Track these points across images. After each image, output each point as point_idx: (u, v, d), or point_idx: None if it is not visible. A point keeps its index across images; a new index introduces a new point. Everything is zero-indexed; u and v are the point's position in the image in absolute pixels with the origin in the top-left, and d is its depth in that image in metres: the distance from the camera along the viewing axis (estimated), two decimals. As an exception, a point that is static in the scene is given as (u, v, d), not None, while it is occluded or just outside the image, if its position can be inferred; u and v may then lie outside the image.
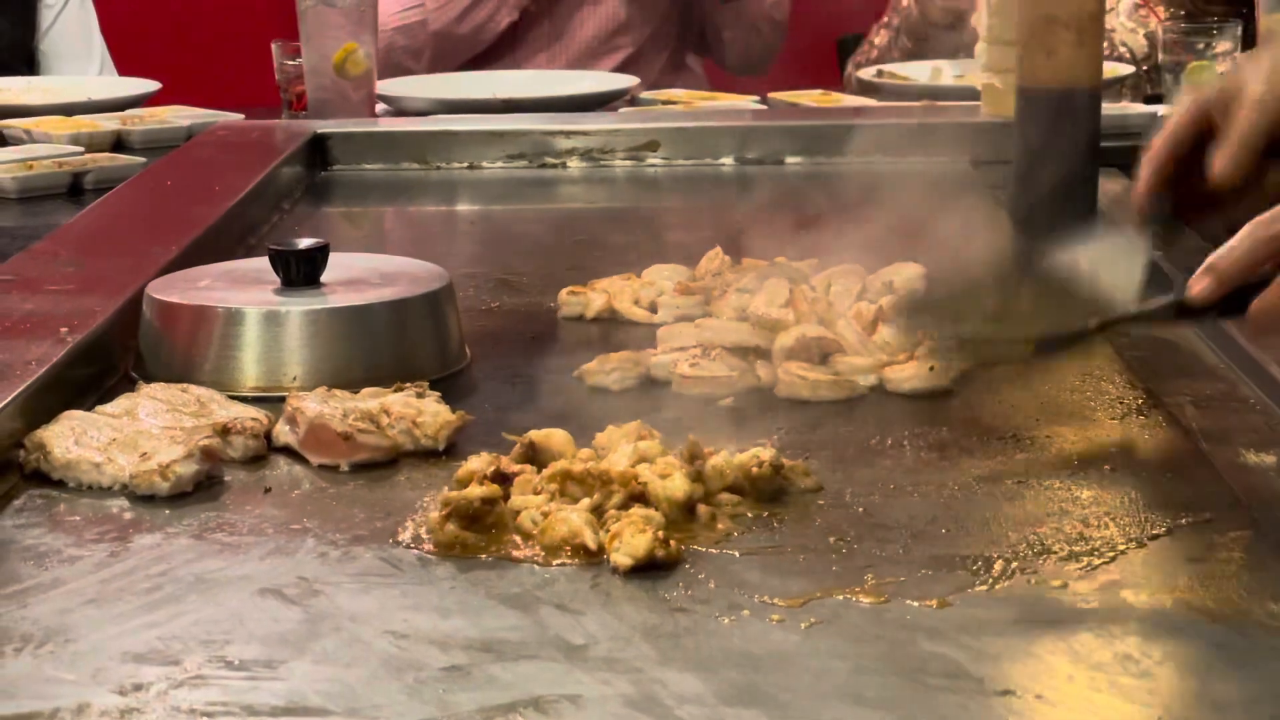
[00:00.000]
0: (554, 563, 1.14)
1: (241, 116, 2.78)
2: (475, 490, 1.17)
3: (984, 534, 1.18)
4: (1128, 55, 3.00)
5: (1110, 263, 1.31)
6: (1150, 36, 2.99)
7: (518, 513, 1.19)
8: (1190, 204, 1.37)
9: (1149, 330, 1.26)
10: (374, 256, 1.69)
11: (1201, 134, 1.37)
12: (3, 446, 1.31)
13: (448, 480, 1.27)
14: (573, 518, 1.15)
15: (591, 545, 1.14)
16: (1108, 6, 3.00)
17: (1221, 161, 1.33)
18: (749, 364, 1.50)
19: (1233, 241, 1.19)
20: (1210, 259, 1.19)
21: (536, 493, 1.21)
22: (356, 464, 1.33)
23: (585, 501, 1.18)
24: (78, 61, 3.57)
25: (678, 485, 1.19)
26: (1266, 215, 1.18)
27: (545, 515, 1.17)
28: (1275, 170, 1.36)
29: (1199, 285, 1.20)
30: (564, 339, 1.69)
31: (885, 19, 3.42)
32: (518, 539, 1.17)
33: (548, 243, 2.14)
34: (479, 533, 1.16)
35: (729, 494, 1.22)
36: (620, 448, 1.26)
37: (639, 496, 1.19)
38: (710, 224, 2.16)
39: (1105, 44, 2.88)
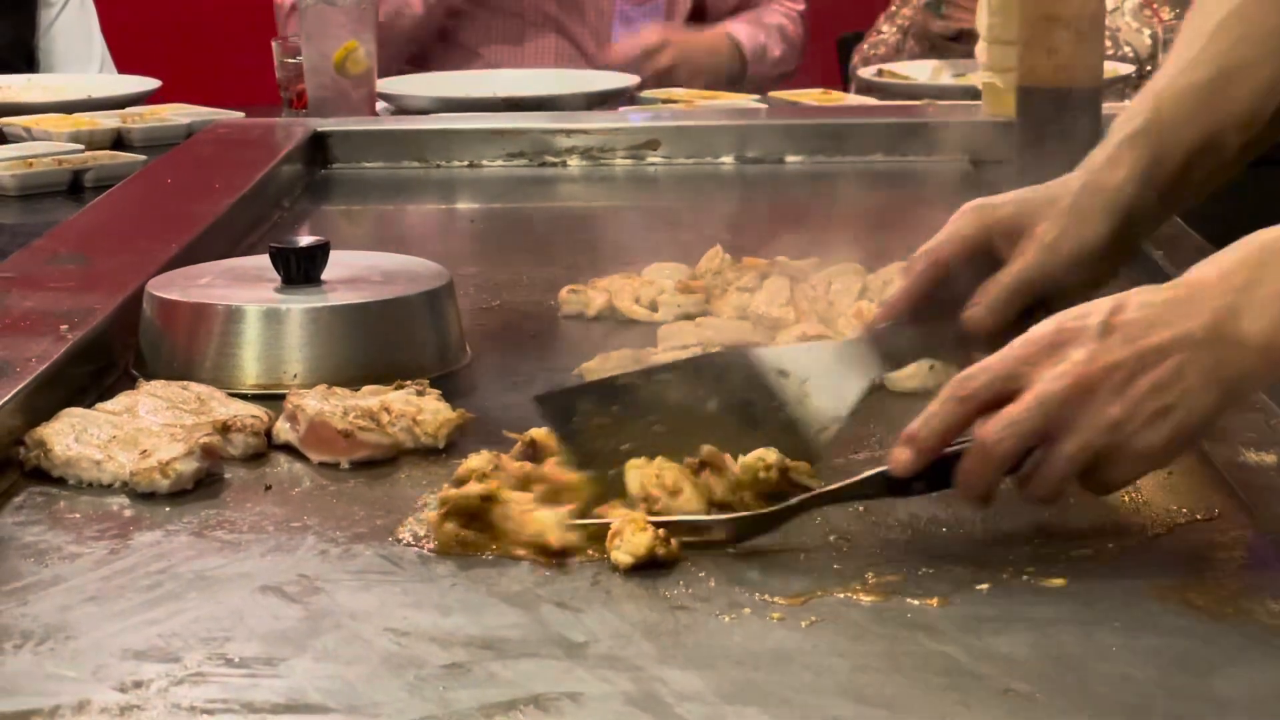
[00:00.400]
0: (552, 561, 1.13)
1: (241, 115, 2.79)
2: (474, 488, 1.16)
3: (984, 532, 1.18)
4: (1131, 55, 3.00)
5: (829, 378, 1.24)
6: (1154, 37, 2.99)
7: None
8: (939, 331, 1.29)
9: (859, 505, 1.19)
10: (374, 255, 1.69)
11: (975, 257, 1.29)
12: (3, 444, 1.31)
13: (448, 478, 1.27)
14: (540, 515, 1.15)
15: (555, 544, 1.13)
16: (1111, 6, 3.00)
17: (982, 311, 1.27)
18: (749, 362, 1.49)
19: (931, 408, 1.12)
20: (908, 429, 1.13)
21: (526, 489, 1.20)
22: (357, 461, 1.33)
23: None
24: (78, 61, 3.57)
25: (689, 501, 1.18)
26: (962, 375, 1.12)
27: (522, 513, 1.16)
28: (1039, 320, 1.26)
29: (899, 458, 1.13)
30: (564, 337, 1.69)
31: (892, 7, 3.41)
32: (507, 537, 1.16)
33: (548, 241, 2.14)
34: (479, 531, 1.16)
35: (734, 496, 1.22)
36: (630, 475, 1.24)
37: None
38: (711, 223, 2.16)
39: (1110, 43, 2.88)
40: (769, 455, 1.19)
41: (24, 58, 3.51)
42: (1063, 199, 1.29)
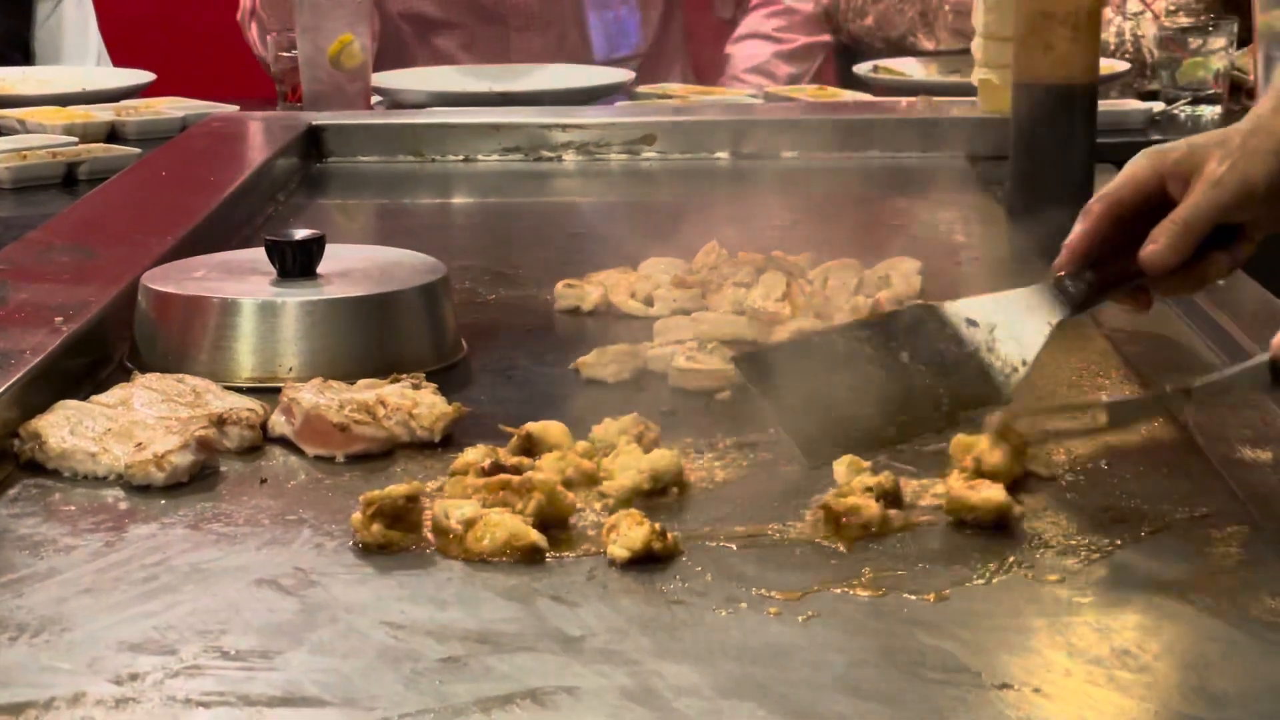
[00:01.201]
0: (485, 562, 1.13)
1: (236, 108, 2.78)
2: (398, 489, 1.16)
3: (980, 529, 1.17)
4: (1128, 51, 3.00)
5: (1014, 325, 1.28)
6: (1151, 33, 2.99)
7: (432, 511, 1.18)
8: (1116, 272, 1.32)
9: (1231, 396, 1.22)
10: (370, 248, 1.69)
11: (1149, 200, 1.31)
12: (-2, 436, 1.31)
13: (444, 471, 1.27)
14: (509, 519, 1.14)
15: (542, 543, 1.13)
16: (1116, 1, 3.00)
17: (1159, 246, 1.28)
18: (745, 357, 1.49)
19: None
20: None
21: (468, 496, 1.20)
22: (352, 455, 1.32)
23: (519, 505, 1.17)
24: (74, 54, 3.56)
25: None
26: None
27: (473, 521, 1.15)
28: (1215, 261, 1.31)
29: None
30: (560, 332, 1.69)
31: None
32: (430, 537, 1.16)
33: (544, 236, 2.13)
34: (404, 531, 1.16)
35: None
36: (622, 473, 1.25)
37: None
38: (706, 218, 2.16)
39: (1118, 41, 2.88)
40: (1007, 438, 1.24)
41: (20, 51, 3.51)
42: (1232, 139, 1.31)
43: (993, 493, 1.17)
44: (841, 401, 1.23)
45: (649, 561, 1.12)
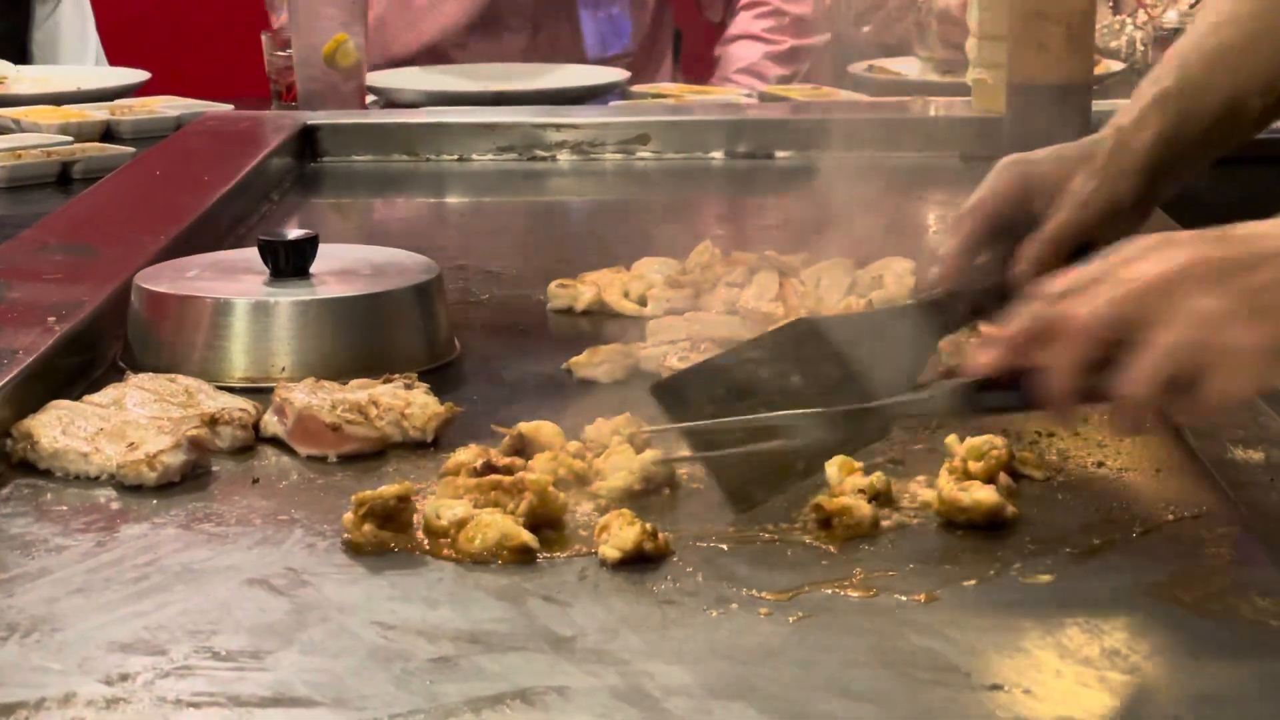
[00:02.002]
0: (476, 563, 1.13)
1: (231, 107, 2.78)
2: (390, 489, 1.16)
3: (972, 528, 1.18)
4: (1122, 51, 3.00)
5: (894, 347, 1.25)
6: (1145, 32, 2.99)
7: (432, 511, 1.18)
8: (987, 288, 1.30)
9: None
10: (363, 248, 1.69)
11: (1017, 212, 1.31)
12: (-10, 435, 1.31)
13: (436, 471, 1.27)
14: (500, 520, 1.14)
15: (533, 543, 1.13)
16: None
17: (1027, 266, 1.28)
18: (738, 357, 1.49)
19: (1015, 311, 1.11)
20: (985, 330, 1.13)
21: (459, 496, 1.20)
22: (344, 455, 1.32)
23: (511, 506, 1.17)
24: (72, 55, 3.56)
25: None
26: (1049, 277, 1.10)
27: (464, 521, 1.15)
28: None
29: (978, 359, 1.10)
30: (553, 332, 1.69)
31: None
32: (421, 537, 1.16)
33: (537, 235, 2.14)
34: (396, 531, 1.16)
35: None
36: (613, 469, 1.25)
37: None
38: (700, 217, 2.16)
39: (1112, 40, 2.88)
40: (996, 440, 1.23)
41: (16, 51, 3.51)
42: (1096, 157, 1.31)
43: (984, 494, 1.18)
44: (752, 435, 1.20)
45: (640, 562, 1.12)
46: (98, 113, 2.71)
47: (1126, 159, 1.31)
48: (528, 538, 1.14)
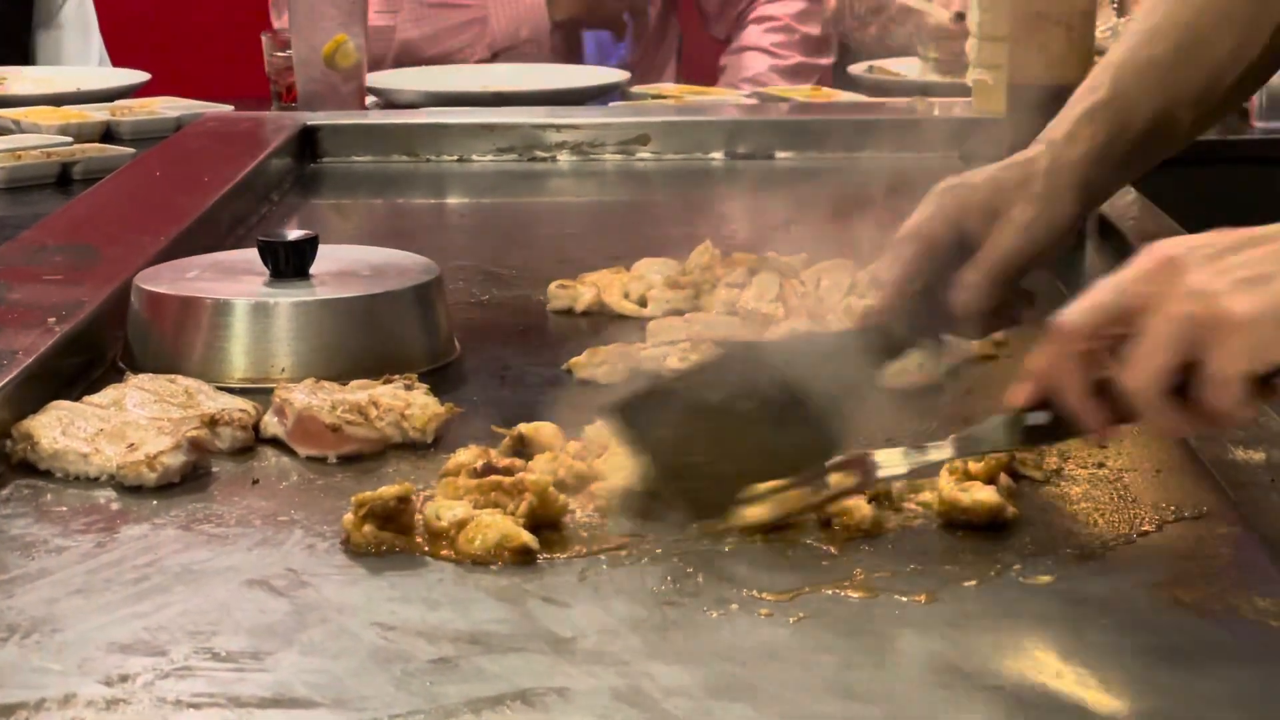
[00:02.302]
0: (476, 564, 1.13)
1: (231, 108, 2.78)
2: (390, 490, 1.16)
3: (972, 529, 1.17)
4: None
5: (836, 373, 1.25)
6: None
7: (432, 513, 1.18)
8: (929, 312, 1.30)
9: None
10: (363, 249, 1.68)
11: (956, 235, 1.30)
12: (-10, 436, 1.31)
13: (436, 472, 1.27)
14: (500, 521, 1.14)
15: (533, 544, 1.13)
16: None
17: (970, 294, 1.28)
18: (738, 358, 1.49)
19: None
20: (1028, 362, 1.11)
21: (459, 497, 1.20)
22: (344, 456, 1.32)
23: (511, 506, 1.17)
24: (76, 56, 3.56)
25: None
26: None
27: (464, 522, 1.15)
28: (1021, 301, 1.31)
29: (1018, 393, 1.11)
30: (553, 332, 1.69)
31: None
32: (421, 538, 1.16)
33: (537, 236, 2.13)
34: (396, 532, 1.16)
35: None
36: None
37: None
38: (700, 218, 2.16)
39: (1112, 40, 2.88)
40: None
41: (19, 51, 3.51)
42: (1033, 181, 1.30)
43: (985, 494, 1.17)
44: (710, 463, 1.20)
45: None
46: (98, 113, 2.71)
47: (1061, 178, 1.30)
48: (528, 538, 1.14)
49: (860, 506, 1.17)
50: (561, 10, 3.29)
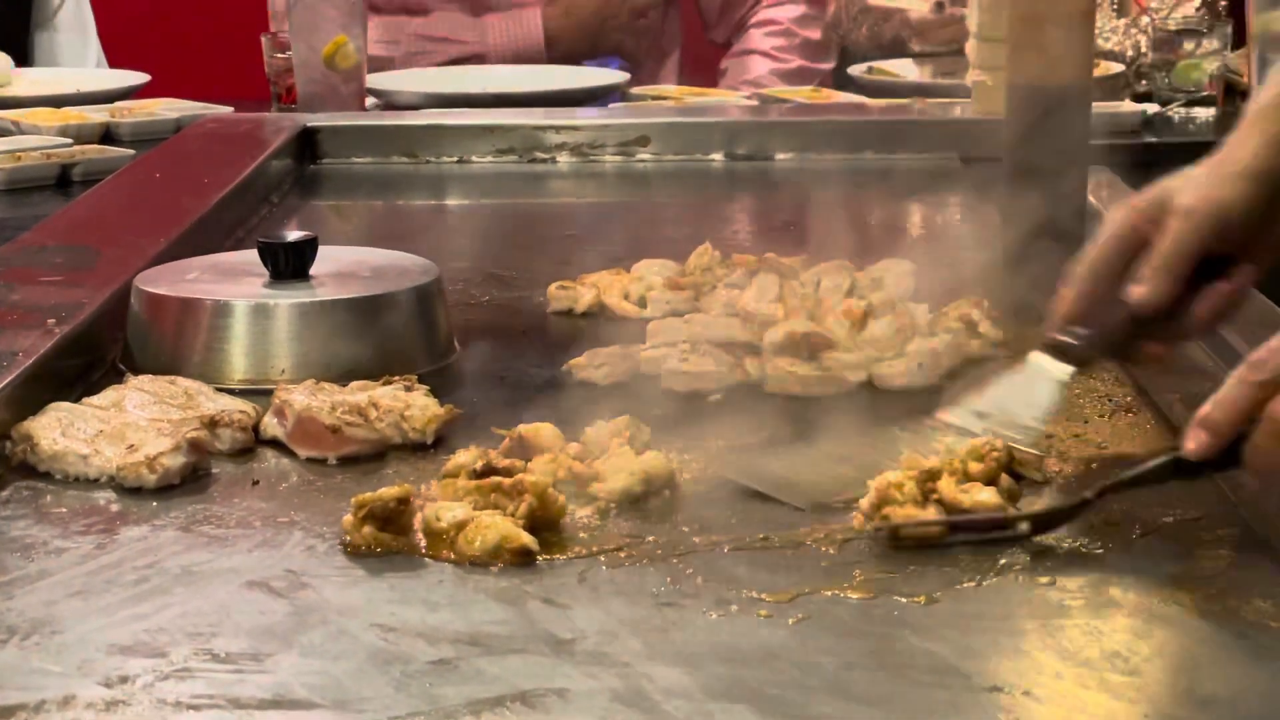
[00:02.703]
0: (475, 565, 1.13)
1: (230, 109, 2.78)
2: (389, 491, 1.16)
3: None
4: (1122, 52, 3.00)
5: (1020, 393, 1.27)
6: (1144, 33, 2.99)
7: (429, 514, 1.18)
8: (1114, 327, 1.30)
9: (1147, 487, 1.21)
10: (363, 250, 1.68)
11: (1131, 250, 1.29)
12: (-11, 438, 1.31)
13: (436, 474, 1.27)
14: (500, 522, 1.14)
15: (533, 545, 1.13)
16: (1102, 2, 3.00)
17: (1141, 284, 1.27)
18: (738, 359, 1.49)
19: (1223, 391, 1.13)
20: (1202, 412, 1.13)
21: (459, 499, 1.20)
22: (344, 457, 1.32)
23: (511, 508, 1.17)
24: (74, 58, 3.56)
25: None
26: (1253, 358, 1.12)
27: (464, 524, 1.15)
28: (1215, 292, 1.29)
29: (1194, 441, 1.14)
30: (553, 333, 1.69)
31: None
32: (421, 540, 1.16)
33: (537, 237, 2.13)
34: (395, 533, 1.16)
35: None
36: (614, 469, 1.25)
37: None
38: (700, 219, 2.16)
39: (1112, 42, 2.88)
40: (996, 442, 1.22)
41: (17, 53, 3.51)
42: (1200, 171, 1.30)
43: (985, 495, 1.17)
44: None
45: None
46: (97, 115, 2.71)
47: (1229, 164, 1.28)
48: (527, 540, 1.14)
49: (925, 513, 1.17)
50: (561, 47, 3.30)
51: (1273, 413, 1.10)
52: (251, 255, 1.56)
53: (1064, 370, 1.29)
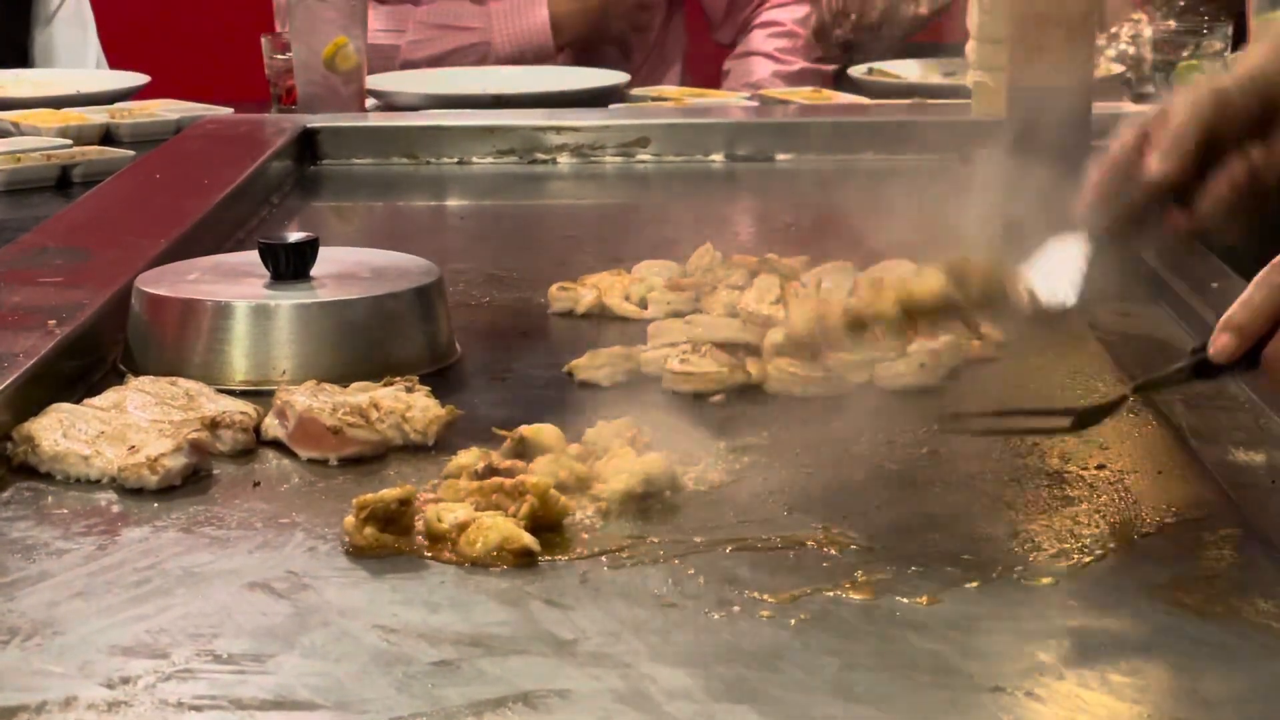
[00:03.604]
0: (477, 566, 1.13)
1: (231, 111, 2.78)
2: (391, 492, 1.16)
3: (973, 531, 1.18)
4: (1121, 53, 3.00)
5: (1050, 267, 1.29)
6: (1144, 34, 2.99)
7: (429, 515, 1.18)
8: (1139, 209, 1.31)
9: (1177, 390, 1.23)
10: (363, 251, 1.68)
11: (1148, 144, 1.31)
12: (-10, 439, 1.31)
13: (437, 475, 1.27)
14: (501, 523, 1.14)
15: (534, 546, 1.13)
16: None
17: (1154, 160, 1.28)
18: (739, 360, 1.49)
19: (1247, 293, 1.15)
20: (1228, 314, 1.16)
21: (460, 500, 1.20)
22: (345, 458, 1.32)
23: (513, 508, 1.17)
24: (74, 59, 3.56)
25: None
26: (1277, 260, 1.15)
27: (465, 524, 1.15)
28: (1220, 173, 1.30)
29: (1220, 342, 1.16)
30: (554, 334, 1.69)
31: None
32: (422, 541, 1.16)
33: (538, 238, 2.14)
34: (397, 534, 1.16)
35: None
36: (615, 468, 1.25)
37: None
38: (701, 220, 2.16)
39: (1112, 43, 2.88)
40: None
41: (16, 54, 3.50)
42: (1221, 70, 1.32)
43: (932, 280, 1.19)
44: None
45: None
46: (97, 116, 2.71)
47: (1234, 66, 1.30)
48: (529, 540, 1.14)
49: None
50: (566, 34, 3.30)
51: None
52: (252, 256, 1.56)
53: (1091, 243, 1.31)
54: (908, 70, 3.06)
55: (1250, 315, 1.15)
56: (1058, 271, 1.29)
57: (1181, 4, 2.88)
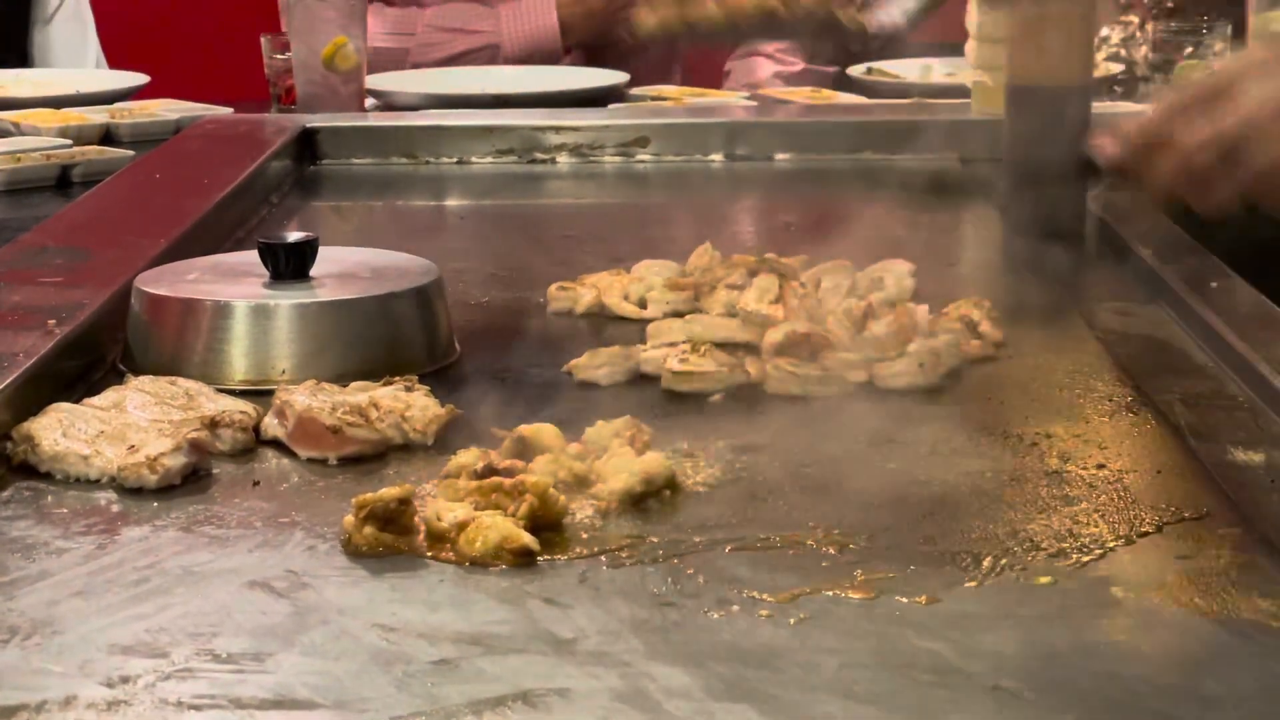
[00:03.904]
0: (476, 565, 1.13)
1: (230, 110, 2.78)
2: (390, 492, 1.16)
3: (973, 530, 1.18)
4: (1122, 53, 3.00)
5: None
6: (1143, 35, 2.99)
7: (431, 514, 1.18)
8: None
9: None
10: (363, 250, 1.68)
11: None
12: (-10, 438, 1.31)
13: (437, 474, 1.27)
14: (501, 522, 1.15)
15: (534, 545, 1.13)
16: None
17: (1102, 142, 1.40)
18: (738, 360, 1.49)
19: (1149, 113, 1.24)
20: (1120, 122, 1.24)
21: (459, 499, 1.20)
22: (345, 457, 1.32)
23: (513, 508, 1.17)
24: (73, 59, 3.56)
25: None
26: (1187, 86, 1.23)
27: (465, 524, 1.15)
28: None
29: (1100, 143, 1.27)
30: (553, 334, 1.69)
31: None
32: (422, 540, 1.16)
33: (537, 238, 2.14)
34: (396, 533, 1.16)
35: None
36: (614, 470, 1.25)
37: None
38: (700, 220, 2.16)
39: (1112, 42, 2.88)
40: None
41: (16, 54, 3.51)
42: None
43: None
44: None
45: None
46: (97, 116, 2.71)
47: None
48: (528, 540, 1.14)
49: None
50: (575, 35, 3.30)
51: (1178, 140, 1.24)
52: (252, 256, 1.56)
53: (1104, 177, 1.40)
54: (908, 70, 3.06)
55: (1139, 129, 1.22)
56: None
57: (1170, 4, 2.88)
